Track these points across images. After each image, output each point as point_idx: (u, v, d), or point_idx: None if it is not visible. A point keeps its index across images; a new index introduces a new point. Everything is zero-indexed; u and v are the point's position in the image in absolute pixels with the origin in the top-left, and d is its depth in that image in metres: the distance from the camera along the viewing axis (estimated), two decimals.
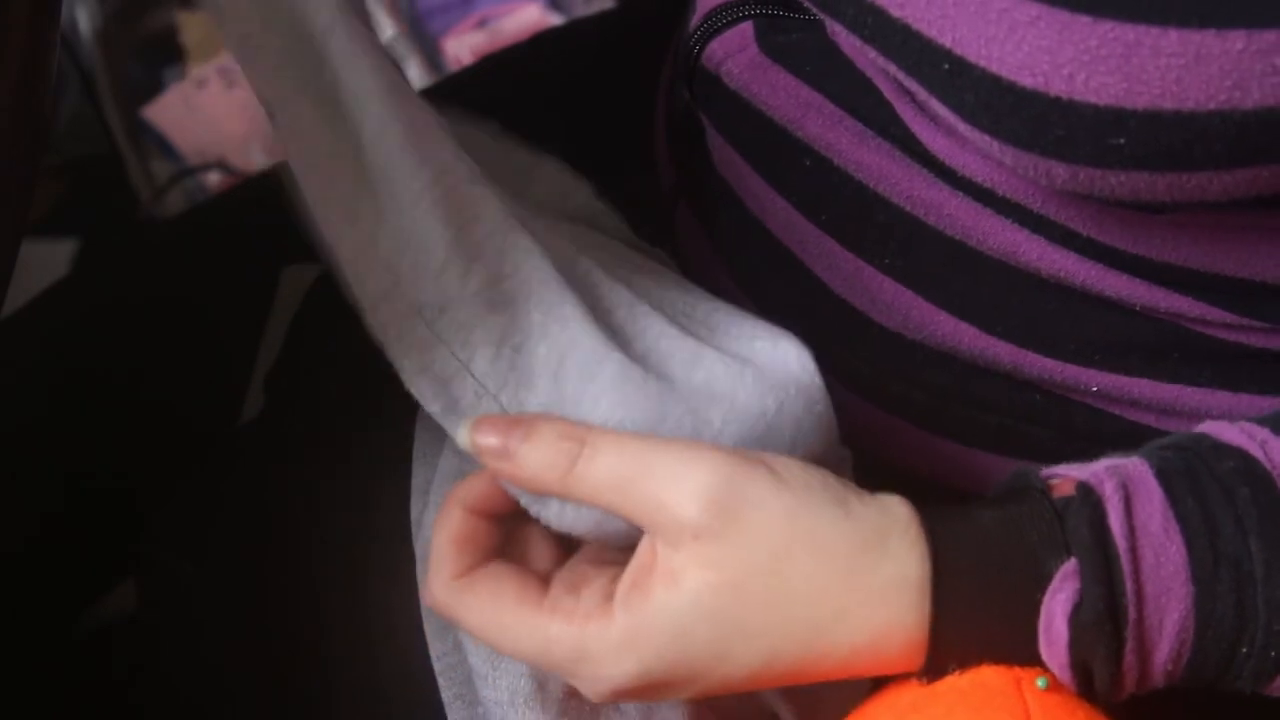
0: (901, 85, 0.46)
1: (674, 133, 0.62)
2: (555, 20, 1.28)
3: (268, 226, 0.47)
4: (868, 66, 0.50)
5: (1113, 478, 0.41)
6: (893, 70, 0.45)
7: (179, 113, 1.21)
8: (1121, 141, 0.40)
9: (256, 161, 1.20)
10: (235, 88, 1.22)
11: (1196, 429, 0.44)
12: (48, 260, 1.07)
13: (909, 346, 0.54)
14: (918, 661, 0.41)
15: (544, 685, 0.47)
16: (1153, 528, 0.40)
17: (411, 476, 0.52)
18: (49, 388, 0.63)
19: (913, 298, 0.52)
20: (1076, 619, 0.39)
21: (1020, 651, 0.40)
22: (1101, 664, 0.40)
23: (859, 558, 0.40)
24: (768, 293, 0.57)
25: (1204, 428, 0.44)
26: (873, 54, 0.46)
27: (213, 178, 1.17)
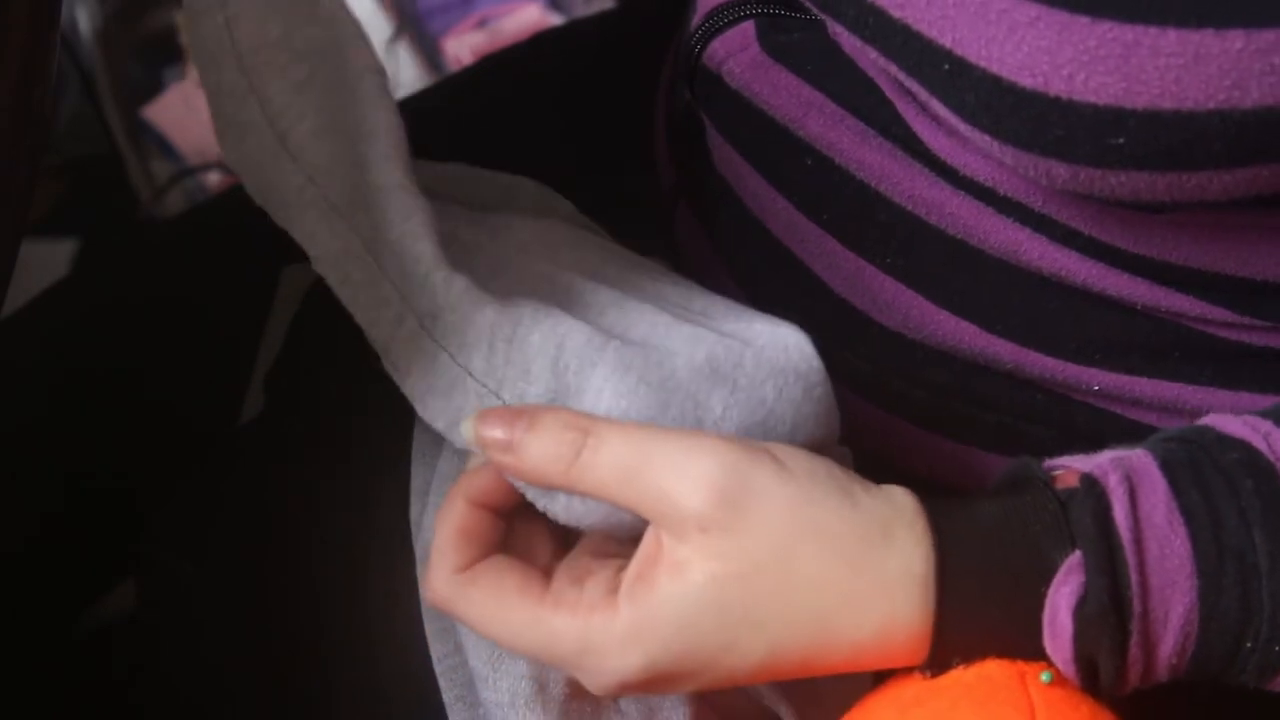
0: (902, 85, 0.46)
1: (674, 132, 0.62)
2: (555, 20, 1.28)
3: (268, 226, 0.47)
4: (869, 67, 0.50)
5: (1117, 469, 0.41)
6: (893, 71, 0.45)
7: (179, 113, 1.20)
8: (1121, 141, 0.40)
9: None
10: None
11: (1200, 421, 0.44)
12: (48, 260, 1.07)
13: (910, 346, 0.54)
14: (921, 655, 0.41)
15: (544, 687, 0.46)
16: (1157, 520, 0.40)
17: (411, 477, 0.52)
18: (49, 388, 0.63)
19: (913, 297, 0.52)
20: (1081, 612, 0.39)
21: (1024, 645, 0.40)
22: (1106, 657, 0.40)
23: (865, 549, 0.40)
24: (768, 292, 0.57)
25: (1207, 420, 0.44)
26: (873, 54, 0.46)
27: (213, 178, 1.17)
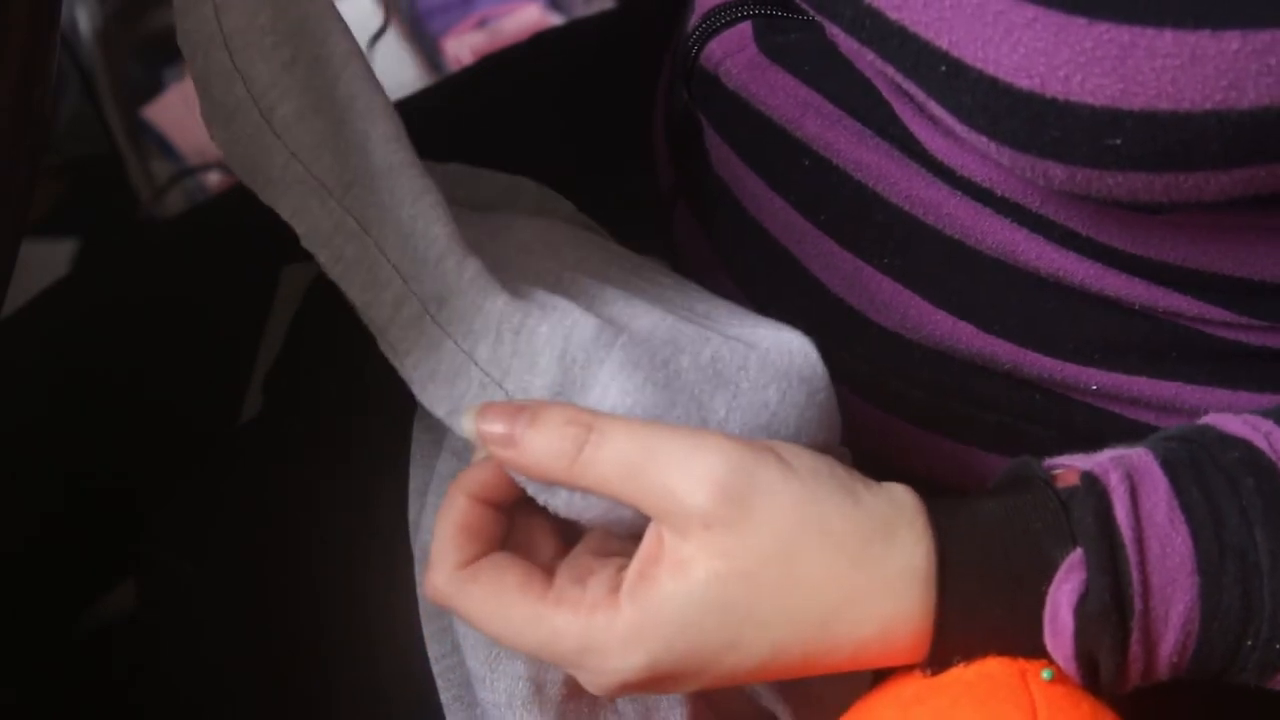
0: (900, 87, 0.46)
1: (673, 133, 0.62)
2: (555, 20, 1.28)
3: (268, 226, 0.47)
4: (866, 68, 0.50)
5: (1118, 468, 0.41)
6: (890, 72, 0.45)
7: (179, 113, 1.20)
8: (1118, 142, 0.40)
9: None
10: None
11: (1201, 420, 0.44)
12: (48, 260, 1.07)
13: (907, 346, 0.54)
14: (922, 652, 0.41)
15: (541, 688, 0.46)
16: (1158, 518, 0.40)
17: (410, 478, 0.52)
18: (49, 388, 0.63)
19: (911, 297, 0.52)
20: (1082, 610, 0.39)
21: (1025, 642, 0.40)
22: (1107, 655, 0.40)
23: (868, 547, 0.40)
24: (766, 292, 0.57)
25: (1208, 419, 0.44)
26: (870, 56, 0.46)
27: (213, 178, 1.17)
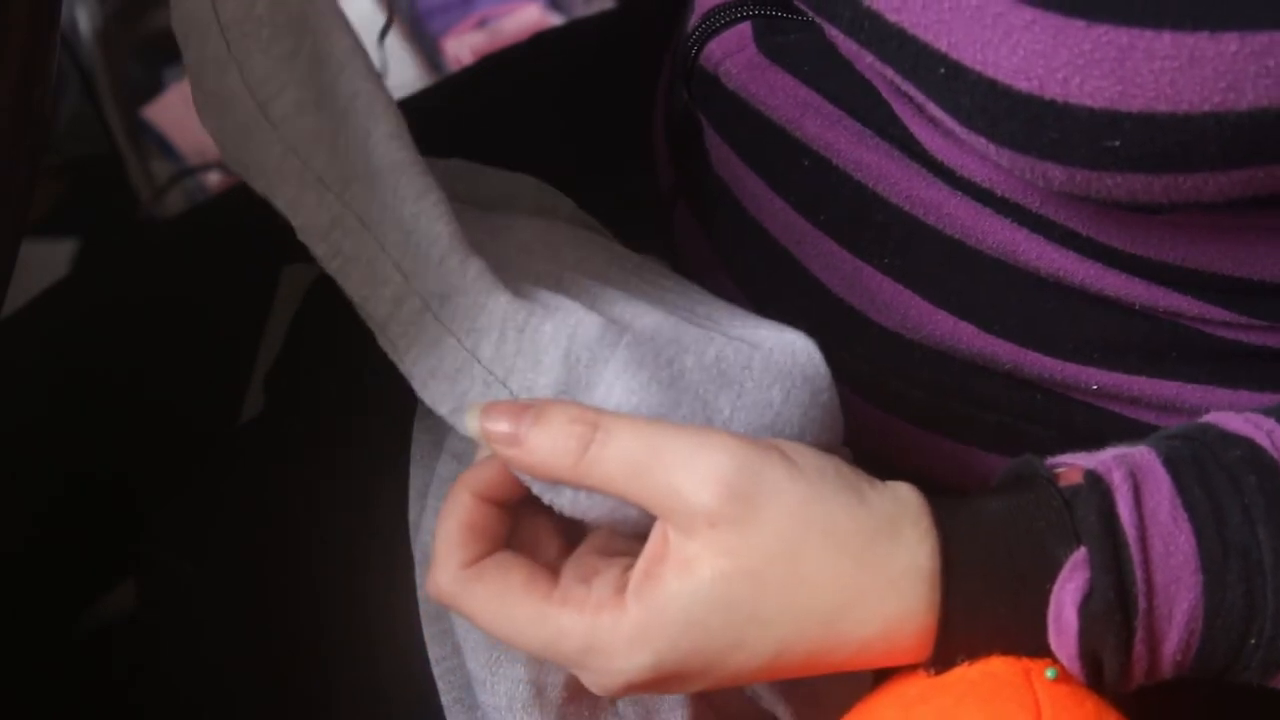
0: (899, 88, 0.46)
1: (672, 133, 0.62)
2: (555, 20, 1.28)
3: (268, 226, 0.47)
4: (866, 69, 0.50)
5: (1121, 466, 0.41)
6: (890, 74, 0.45)
7: (179, 113, 1.20)
8: (1116, 144, 0.40)
9: None
10: None
11: (1202, 419, 0.44)
12: (48, 260, 1.07)
13: (907, 346, 0.54)
14: (926, 651, 0.41)
15: (542, 691, 0.46)
16: (1161, 516, 0.40)
17: (410, 479, 0.52)
18: (49, 388, 0.63)
19: (911, 297, 0.52)
20: (1086, 609, 0.39)
21: (1029, 641, 0.40)
22: (1111, 654, 0.40)
23: (873, 546, 0.40)
24: (766, 292, 0.57)
25: (1210, 418, 0.44)
26: (870, 58, 0.46)
27: (213, 178, 1.17)
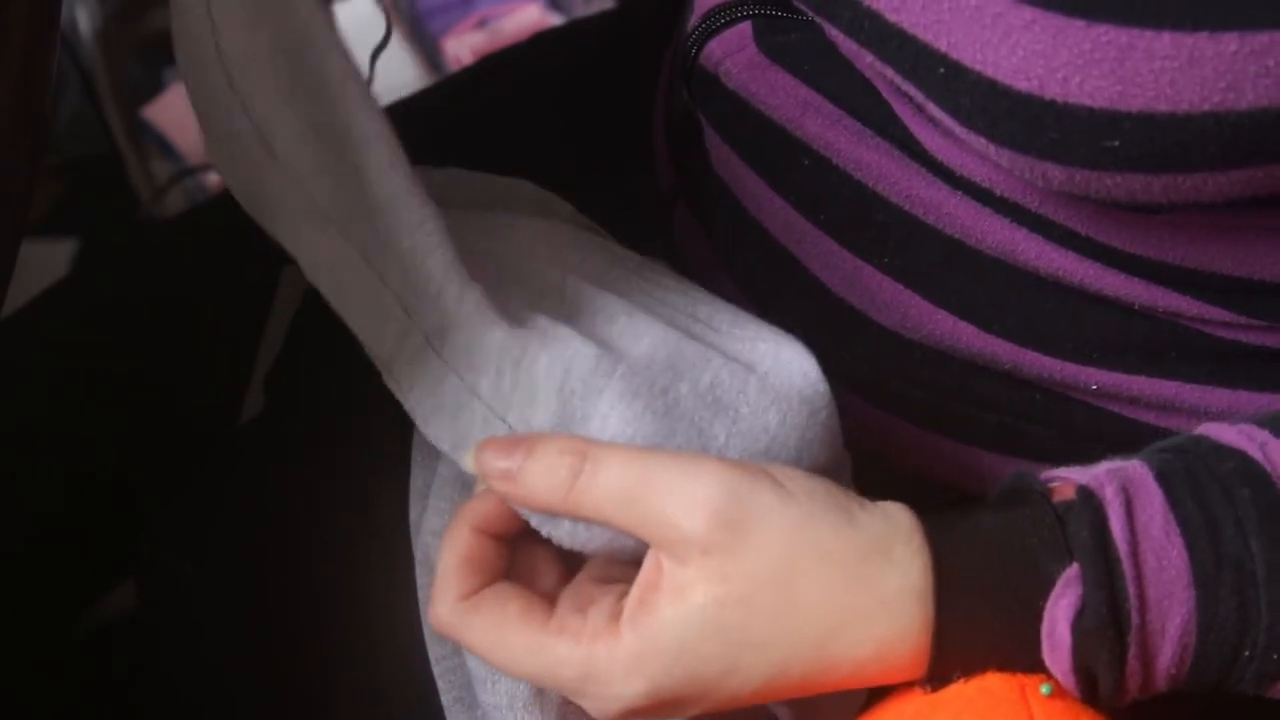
0: (899, 88, 0.46)
1: (673, 133, 0.62)
2: (555, 20, 1.28)
3: None
4: (865, 69, 0.50)
5: (1113, 481, 0.41)
6: (890, 74, 0.45)
7: (179, 113, 1.20)
8: (1116, 144, 0.40)
9: None
10: None
11: (1196, 431, 0.44)
12: (48, 260, 1.07)
13: (907, 345, 0.54)
14: (921, 669, 0.41)
15: (543, 691, 0.47)
16: (1154, 531, 0.40)
17: (411, 478, 0.52)
18: (49, 388, 0.63)
19: (911, 297, 0.52)
20: (1079, 625, 0.39)
21: (1024, 658, 0.40)
22: (1105, 669, 0.40)
23: (864, 567, 0.40)
24: (766, 292, 0.57)
25: (1203, 429, 0.44)
26: (870, 58, 0.46)
27: (213, 178, 1.17)
